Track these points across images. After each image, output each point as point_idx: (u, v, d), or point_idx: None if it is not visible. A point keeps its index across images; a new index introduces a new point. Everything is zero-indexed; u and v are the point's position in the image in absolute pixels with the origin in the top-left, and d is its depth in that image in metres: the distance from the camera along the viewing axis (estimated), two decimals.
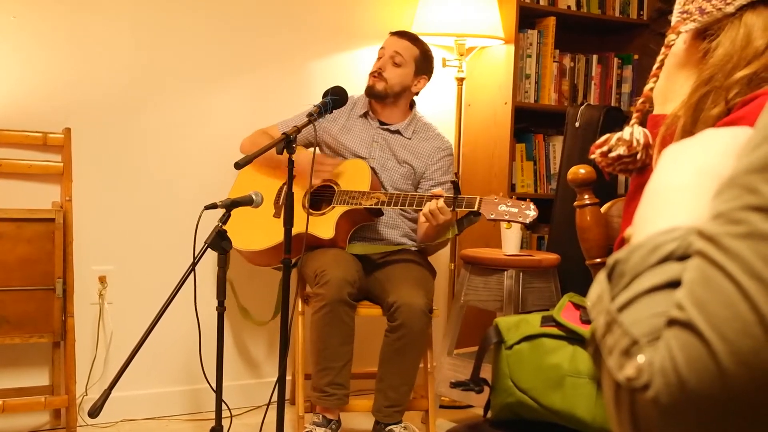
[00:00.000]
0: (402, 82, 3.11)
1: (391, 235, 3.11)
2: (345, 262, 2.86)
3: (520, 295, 3.08)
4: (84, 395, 3.11)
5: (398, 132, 3.14)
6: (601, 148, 1.22)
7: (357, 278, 2.83)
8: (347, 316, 2.79)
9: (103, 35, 3.12)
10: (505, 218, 2.67)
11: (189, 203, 3.16)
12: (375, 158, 3.11)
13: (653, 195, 0.74)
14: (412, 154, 3.12)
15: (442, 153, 3.13)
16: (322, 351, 2.80)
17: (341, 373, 2.82)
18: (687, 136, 0.98)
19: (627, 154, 1.18)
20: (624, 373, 0.58)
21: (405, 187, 3.11)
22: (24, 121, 2.99)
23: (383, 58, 3.12)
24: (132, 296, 3.20)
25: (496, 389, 1.65)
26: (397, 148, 3.12)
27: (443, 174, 3.12)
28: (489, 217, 2.69)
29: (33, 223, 2.79)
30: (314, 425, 2.86)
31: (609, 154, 1.20)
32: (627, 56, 3.99)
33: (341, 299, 2.75)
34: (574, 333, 1.59)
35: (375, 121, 3.16)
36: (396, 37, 3.15)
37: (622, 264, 0.65)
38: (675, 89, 1.15)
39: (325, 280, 2.76)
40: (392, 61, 3.09)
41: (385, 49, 3.13)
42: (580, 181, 1.70)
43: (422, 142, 3.14)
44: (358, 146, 3.12)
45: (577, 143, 3.50)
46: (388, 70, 3.09)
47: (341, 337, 2.79)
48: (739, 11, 1.07)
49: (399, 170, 3.11)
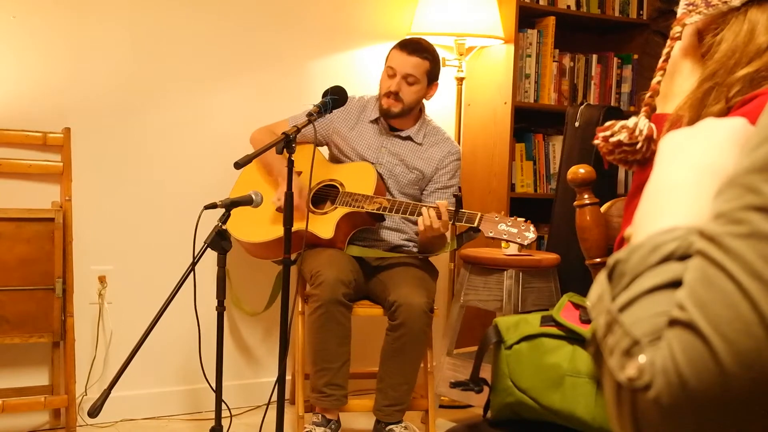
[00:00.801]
0: (418, 98, 3.08)
1: (391, 239, 3.11)
2: (340, 262, 2.86)
3: (520, 294, 3.08)
4: (83, 395, 3.11)
5: (409, 138, 3.12)
6: (604, 132, 1.22)
7: (352, 278, 2.83)
8: (343, 317, 2.79)
9: (102, 35, 3.12)
10: (504, 237, 2.69)
11: (189, 203, 3.16)
12: (383, 164, 3.10)
13: (653, 194, 0.74)
14: (422, 160, 3.11)
15: (452, 157, 3.13)
16: (319, 352, 2.80)
17: (339, 374, 2.82)
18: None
19: (627, 141, 1.18)
20: (625, 373, 0.58)
21: (412, 191, 3.11)
22: (24, 121, 2.99)
23: (396, 78, 3.02)
24: (131, 296, 3.20)
25: (496, 389, 1.65)
26: (406, 155, 3.11)
27: (451, 178, 3.13)
28: (488, 235, 2.71)
29: (32, 223, 2.79)
30: (314, 425, 2.86)
31: (610, 138, 1.20)
32: (627, 56, 3.99)
33: (336, 300, 2.75)
34: (574, 333, 1.59)
35: (386, 128, 3.14)
36: (405, 54, 3.03)
37: (622, 264, 0.65)
38: (676, 88, 1.15)
39: (319, 281, 2.77)
40: (405, 81, 3.03)
41: (396, 69, 3.03)
42: (579, 180, 1.70)
43: (432, 147, 3.12)
44: (366, 150, 3.11)
45: (576, 143, 3.50)
46: (403, 91, 3.03)
47: (338, 337, 2.79)
48: (745, 6, 1.07)
49: (408, 176, 3.10)
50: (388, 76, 3.06)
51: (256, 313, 3.28)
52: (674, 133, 0.80)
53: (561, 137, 3.67)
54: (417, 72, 3.03)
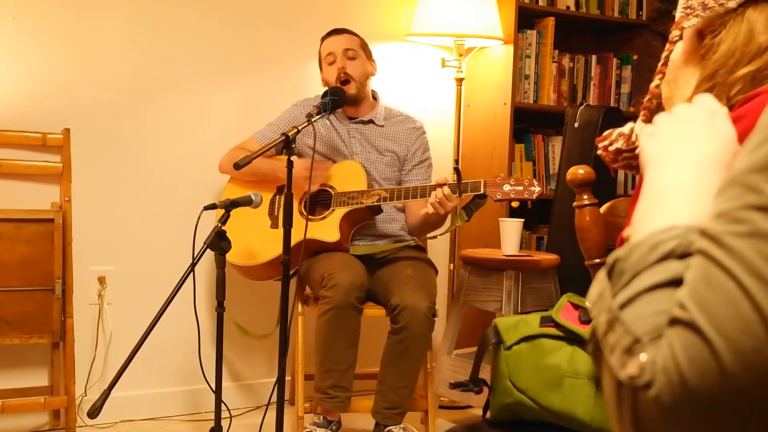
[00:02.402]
0: (364, 72, 3.12)
1: (390, 230, 3.11)
2: (353, 265, 2.85)
3: (519, 295, 3.08)
4: (83, 396, 3.10)
5: (371, 122, 3.15)
6: (603, 141, 1.22)
7: (365, 281, 2.82)
8: (354, 320, 2.78)
9: (102, 36, 3.12)
10: (512, 197, 2.68)
11: (188, 204, 3.16)
12: (357, 153, 3.11)
13: (651, 193, 0.74)
14: (390, 140, 3.13)
15: (418, 132, 3.18)
16: (326, 353, 2.79)
17: (345, 376, 2.81)
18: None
19: (626, 148, 1.19)
20: (626, 371, 0.58)
21: (393, 175, 3.12)
22: (23, 122, 2.99)
23: (338, 59, 3.07)
24: (131, 297, 3.20)
25: (495, 390, 1.65)
26: (374, 138, 3.13)
27: (423, 152, 3.17)
28: (496, 198, 2.70)
29: (32, 224, 2.79)
30: (315, 425, 2.86)
31: (609, 147, 1.21)
32: (626, 56, 3.99)
33: (349, 303, 2.74)
34: (573, 333, 1.59)
35: (345, 118, 3.16)
36: (335, 36, 3.12)
37: (622, 262, 0.65)
38: (679, 91, 1.15)
39: (333, 284, 2.74)
40: (347, 57, 3.08)
41: (334, 51, 3.08)
42: (579, 181, 1.70)
43: (396, 126, 3.16)
44: (340, 145, 3.11)
45: (576, 144, 3.50)
46: (349, 67, 3.07)
47: (347, 340, 2.78)
48: (741, 7, 1.07)
49: (383, 160, 3.12)
50: (329, 64, 3.11)
51: (267, 335, 3.19)
52: (660, 128, 0.80)
53: (560, 138, 3.67)
54: (353, 45, 3.11)
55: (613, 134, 1.21)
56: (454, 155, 3.59)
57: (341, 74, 3.06)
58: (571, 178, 1.70)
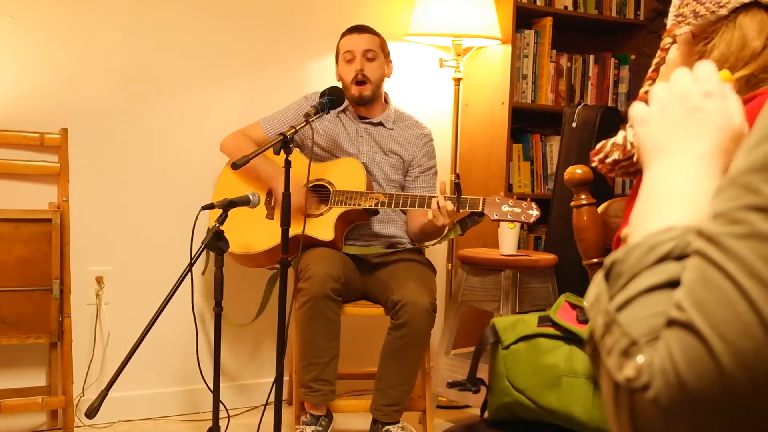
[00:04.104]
0: (381, 75, 3.14)
1: (387, 231, 3.11)
2: (330, 258, 2.85)
3: (517, 295, 3.08)
4: (81, 396, 3.10)
5: (381, 124, 3.16)
6: (598, 155, 1.22)
7: (342, 274, 2.82)
8: (332, 312, 2.78)
9: (99, 35, 3.12)
10: (509, 218, 2.68)
11: (186, 203, 3.16)
12: (364, 152, 3.11)
13: (649, 192, 0.74)
14: (397, 143, 3.14)
15: (425, 139, 3.19)
16: (307, 347, 2.80)
17: (327, 369, 2.81)
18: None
19: (623, 158, 1.19)
20: (623, 373, 0.58)
21: (396, 177, 3.13)
22: (21, 122, 2.99)
23: (357, 59, 3.07)
24: (129, 297, 3.20)
25: (493, 389, 1.65)
26: (382, 140, 3.14)
27: (429, 159, 3.19)
28: (493, 218, 2.70)
29: (30, 224, 2.79)
30: (303, 425, 2.85)
31: (606, 160, 1.20)
32: (624, 56, 3.99)
33: (325, 294, 2.74)
34: (571, 333, 1.59)
35: (356, 117, 3.16)
36: (356, 35, 3.11)
37: (619, 264, 0.65)
38: None
39: (308, 275, 2.76)
40: (366, 58, 3.08)
41: (354, 50, 3.08)
42: (576, 181, 1.70)
43: (405, 131, 3.17)
44: (347, 143, 3.12)
45: (574, 143, 3.50)
46: (367, 69, 3.07)
47: (326, 332, 2.78)
48: (733, 14, 1.08)
49: (388, 161, 3.13)
50: (347, 61, 3.10)
51: (243, 325, 3.24)
52: (653, 115, 0.79)
53: (558, 138, 3.67)
54: (373, 46, 3.11)
55: (607, 146, 1.21)
56: (451, 155, 3.60)
57: (359, 75, 3.07)
58: (568, 177, 1.70)
